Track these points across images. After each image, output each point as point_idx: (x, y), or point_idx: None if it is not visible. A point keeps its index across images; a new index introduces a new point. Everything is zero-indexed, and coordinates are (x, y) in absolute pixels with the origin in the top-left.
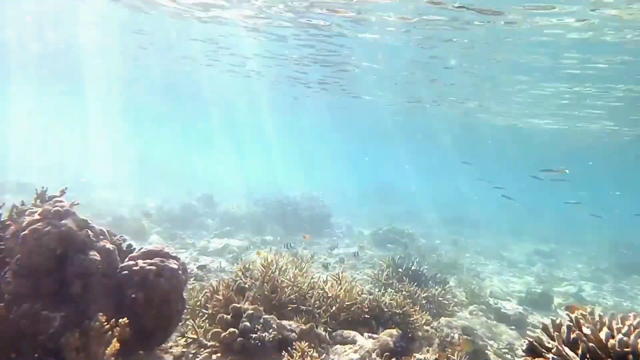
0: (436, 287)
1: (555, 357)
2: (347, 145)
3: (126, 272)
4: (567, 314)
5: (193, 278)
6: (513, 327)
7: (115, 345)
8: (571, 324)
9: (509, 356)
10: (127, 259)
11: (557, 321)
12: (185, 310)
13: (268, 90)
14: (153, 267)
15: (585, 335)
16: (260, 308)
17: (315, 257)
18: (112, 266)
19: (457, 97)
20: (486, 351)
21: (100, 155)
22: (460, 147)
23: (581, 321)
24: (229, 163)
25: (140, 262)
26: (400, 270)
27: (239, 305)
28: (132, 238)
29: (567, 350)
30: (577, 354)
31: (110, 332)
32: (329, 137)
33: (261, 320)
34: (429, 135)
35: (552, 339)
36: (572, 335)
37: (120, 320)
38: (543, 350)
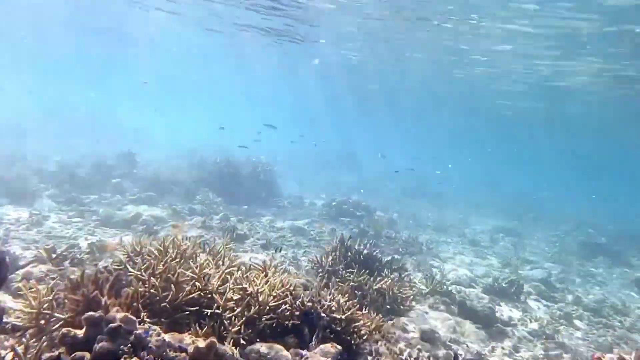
0: (392, 275)
1: None
2: (302, 105)
3: None
4: None
5: (68, 261)
6: (480, 325)
7: None
8: None
9: None
10: None
11: None
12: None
13: (209, 38)
14: None
15: None
16: (133, 318)
17: (252, 232)
18: None
19: None
20: None
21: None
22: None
23: None
24: (166, 120)
25: None
26: (349, 254)
27: (97, 314)
28: (15, 201)
29: None
30: None
31: None
32: (281, 96)
33: (132, 338)
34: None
35: None
36: None
37: None
38: None
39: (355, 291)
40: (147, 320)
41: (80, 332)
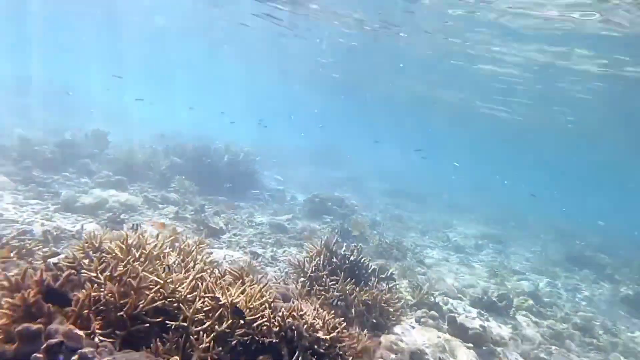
0: (379, 285)
1: None
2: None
3: None
4: None
5: (14, 252)
6: (471, 344)
7: None
8: None
9: None
10: None
11: None
12: None
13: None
14: None
15: None
16: (80, 333)
17: (230, 227)
18: None
19: None
20: None
21: None
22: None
23: None
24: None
25: None
26: (334, 259)
27: (34, 327)
28: None
29: None
30: None
31: None
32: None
33: (74, 358)
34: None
35: None
36: None
37: None
38: None
39: (339, 302)
40: (99, 331)
41: (10, 348)
